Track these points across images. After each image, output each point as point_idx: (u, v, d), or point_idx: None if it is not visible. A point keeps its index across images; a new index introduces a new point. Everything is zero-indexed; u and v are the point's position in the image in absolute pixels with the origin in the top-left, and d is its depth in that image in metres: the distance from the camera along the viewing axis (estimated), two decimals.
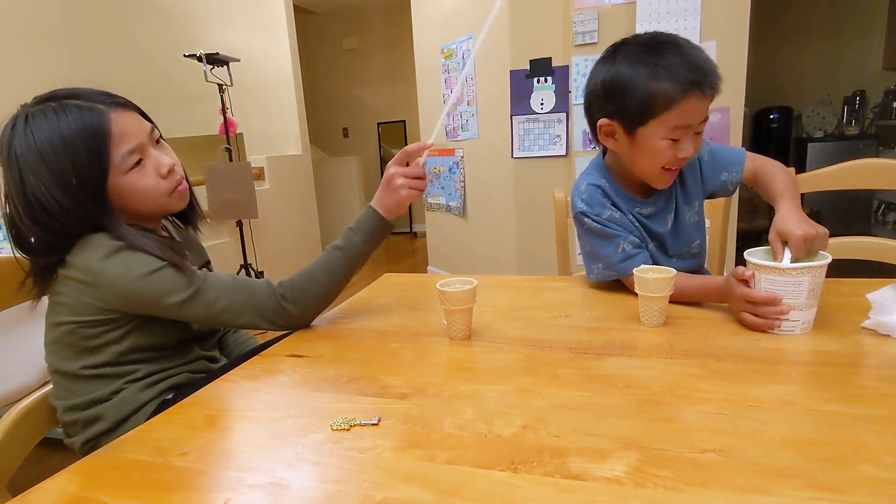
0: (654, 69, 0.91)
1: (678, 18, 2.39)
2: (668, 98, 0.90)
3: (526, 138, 2.88)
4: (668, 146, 0.94)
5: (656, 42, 0.94)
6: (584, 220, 1.06)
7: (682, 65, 0.89)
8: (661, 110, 0.92)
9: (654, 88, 0.91)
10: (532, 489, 0.48)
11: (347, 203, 5.40)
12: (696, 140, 0.97)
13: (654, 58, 0.92)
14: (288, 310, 0.90)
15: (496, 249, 3.19)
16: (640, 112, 0.93)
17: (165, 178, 0.87)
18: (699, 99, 0.90)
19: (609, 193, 1.06)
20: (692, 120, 0.93)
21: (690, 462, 0.50)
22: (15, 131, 0.79)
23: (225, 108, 3.04)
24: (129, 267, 0.81)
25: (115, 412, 0.86)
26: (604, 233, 1.03)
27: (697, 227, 1.14)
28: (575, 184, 1.11)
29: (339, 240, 0.95)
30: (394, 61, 6.10)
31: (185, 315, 0.85)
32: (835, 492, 0.45)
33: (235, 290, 0.88)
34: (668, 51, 0.91)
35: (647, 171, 1.01)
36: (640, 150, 0.98)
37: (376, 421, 0.61)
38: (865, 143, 4.16)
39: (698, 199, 1.13)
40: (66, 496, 0.52)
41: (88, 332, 0.84)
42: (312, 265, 0.94)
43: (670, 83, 0.89)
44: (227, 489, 0.51)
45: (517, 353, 0.79)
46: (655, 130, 0.94)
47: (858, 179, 1.31)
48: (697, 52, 0.92)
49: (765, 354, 0.73)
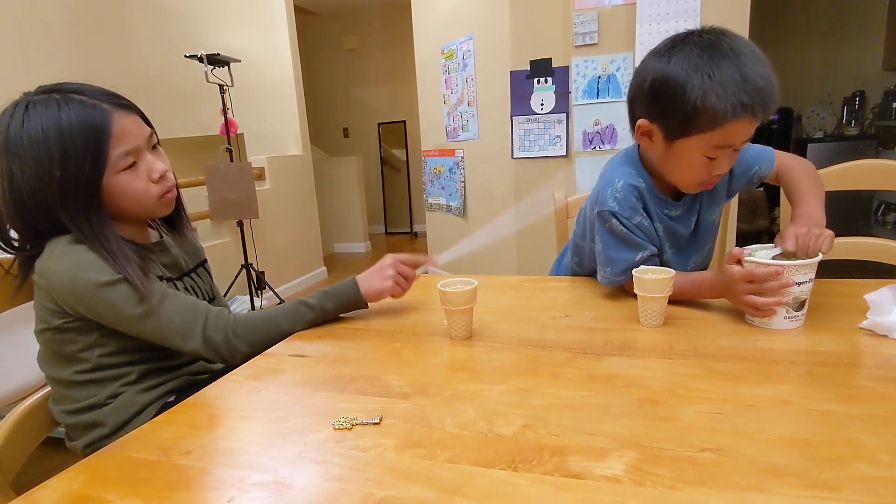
0: (709, 82, 0.83)
1: (678, 19, 2.39)
2: (715, 117, 0.83)
3: (526, 139, 2.89)
4: (705, 163, 0.90)
5: (717, 49, 0.84)
6: (610, 220, 1.00)
7: (738, 84, 0.82)
8: (706, 128, 0.85)
9: (703, 104, 0.83)
10: (532, 488, 0.48)
11: (348, 203, 5.40)
12: (734, 157, 0.92)
13: (710, 67, 0.83)
14: (235, 345, 0.87)
15: (496, 250, 3.19)
16: (684, 124, 0.87)
17: (156, 182, 0.87)
18: (749, 123, 0.84)
19: (644, 195, 1.00)
20: (736, 141, 0.88)
21: (689, 461, 0.50)
22: (13, 117, 0.79)
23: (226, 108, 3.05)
24: (80, 272, 0.79)
25: (114, 416, 0.86)
26: (628, 238, 0.99)
27: (714, 227, 1.12)
28: (607, 177, 1.03)
29: (311, 298, 0.95)
30: (394, 61, 6.11)
31: (136, 332, 0.84)
32: (832, 490, 0.45)
33: (191, 319, 0.85)
34: (727, 62, 0.83)
35: (679, 181, 0.97)
36: (676, 160, 0.93)
37: (378, 420, 0.62)
38: (865, 144, 4.16)
39: (722, 199, 1.09)
40: (71, 494, 0.53)
41: (64, 337, 0.84)
42: (274, 311, 0.93)
43: (722, 102, 0.82)
44: (231, 487, 0.52)
45: (517, 352, 0.80)
46: (696, 145, 0.89)
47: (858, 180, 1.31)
48: (759, 66, 0.83)
49: (763, 354, 0.73)
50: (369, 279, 0.97)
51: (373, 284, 0.97)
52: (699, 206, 1.06)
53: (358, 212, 5.42)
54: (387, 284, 0.96)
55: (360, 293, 0.96)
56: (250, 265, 3.21)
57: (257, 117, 4.11)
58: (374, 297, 0.98)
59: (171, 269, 0.96)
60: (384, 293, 0.97)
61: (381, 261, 0.98)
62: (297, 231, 4.19)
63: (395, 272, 0.97)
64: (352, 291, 0.97)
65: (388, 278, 0.96)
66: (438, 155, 3.61)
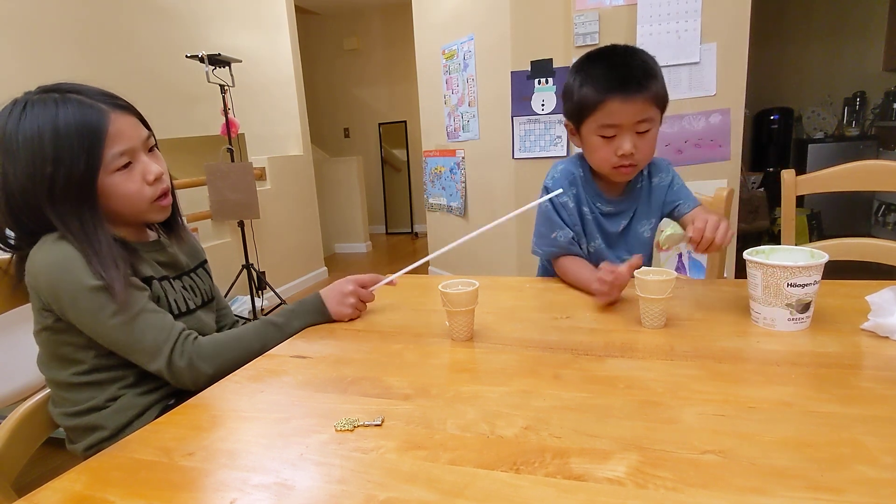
0: (584, 77, 1.07)
1: (678, 20, 2.39)
2: (592, 101, 1.05)
3: (527, 139, 2.89)
4: (604, 143, 1.08)
5: (594, 54, 1.10)
6: (543, 196, 1.15)
7: (603, 73, 1.05)
8: (589, 112, 1.07)
9: (581, 93, 1.07)
10: (534, 490, 0.48)
11: (348, 203, 5.40)
12: (640, 140, 1.06)
13: (586, 67, 1.08)
14: (199, 369, 0.85)
15: (497, 250, 3.19)
16: (577, 113, 1.10)
17: (151, 184, 0.87)
18: (622, 100, 1.03)
19: (578, 183, 1.18)
20: (621, 119, 1.05)
21: (691, 463, 0.50)
22: (11, 115, 0.79)
23: (226, 108, 3.05)
24: (62, 270, 0.79)
25: (114, 420, 0.85)
26: (551, 217, 1.16)
27: (644, 244, 1.23)
28: (556, 163, 1.24)
29: (278, 317, 0.96)
30: (394, 62, 6.11)
31: (106, 341, 0.83)
32: (833, 492, 0.45)
33: (163, 339, 0.83)
34: (598, 61, 1.08)
35: (598, 165, 1.13)
36: (585, 147, 1.13)
37: (379, 422, 0.62)
38: (866, 144, 4.16)
39: (655, 218, 1.23)
40: (73, 496, 0.53)
41: (60, 338, 0.84)
42: (242, 332, 0.92)
43: (590, 88, 1.05)
44: (233, 489, 0.52)
45: (519, 354, 0.80)
46: (589, 129, 1.09)
47: (858, 181, 1.31)
48: (629, 59, 1.06)
49: (764, 356, 0.73)
50: (331, 300, 0.99)
51: (335, 307, 0.98)
52: (633, 212, 1.21)
53: (358, 212, 5.42)
54: (346, 311, 0.98)
55: (327, 312, 0.98)
56: (251, 265, 3.21)
57: (258, 117, 4.11)
58: (337, 318, 0.99)
59: (168, 269, 0.96)
60: (343, 319, 0.99)
61: (342, 284, 1.00)
62: (297, 231, 4.19)
63: (356, 299, 0.99)
64: (319, 311, 0.98)
65: (348, 306, 0.98)
66: (439, 155, 3.61)
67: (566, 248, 1.15)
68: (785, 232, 1.38)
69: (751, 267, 0.83)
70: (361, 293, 1.00)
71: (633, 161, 1.07)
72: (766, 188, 3.91)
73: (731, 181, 2.50)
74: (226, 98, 3.03)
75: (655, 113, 1.06)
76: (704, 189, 1.37)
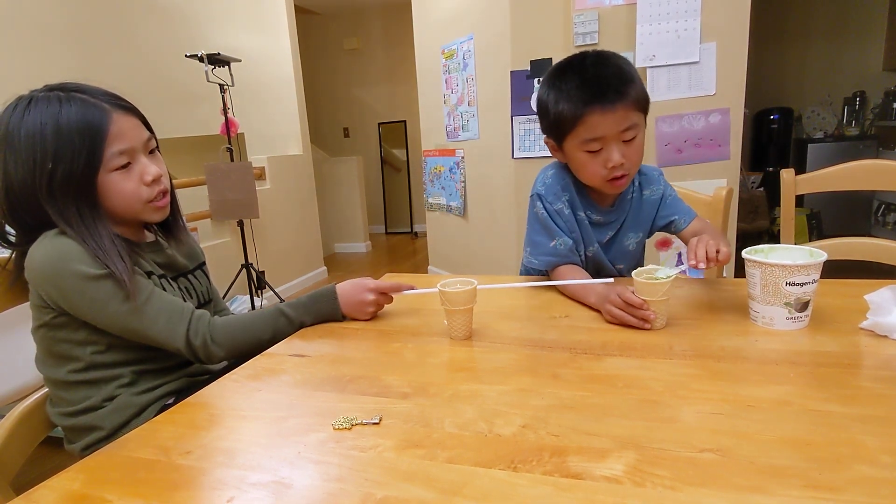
0: (557, 93, 1.01)
1: (678, 19, 2.39)
2: (570, 117, 0.99)
3: (526, 139, 2.89)
4: (591, 158, 1.02)
5: (564, 66, 1.03)
6: (536, 204, 1.11)
7: (577, 86, 0.99)
8: (569, 128, 1.01)
9: (557, 110, 1.01)
10: (532, 488, 0.48)
11: (348, 203, 5.40)
12: (627, 148, 1.01)
13: (558, 81, 1.02)
14: (212, 351, 0.88)
15: (497, 250, 3.19)
16: (557, 130, 1.04)
17: (148, 185, 0.87)
18: (602, 112, 0.97)
19: (570, 188, 1.12)
20: (604, 132, 0.99)
21: (689, 462, 0.50)
22: (15, 111, 0.80)
23: (226, 108, 3.04)
24: (63, 262, 0.79)
25: (111, 419, 0.85)
26: (548, 224, 1.10)
27: (629, 256, 1.20)
28: (546, 166, 1.17)
29: (290, 309, 0.95)
30: (394, 61, 6.10)
31: (119, 330, 0.83)
32: (832, 491, 0.45)
33: (176, 319, 0.86)
34: (569, 73, 1.01)
35: (589, 181, 1.08)
36: (572, 163, 1.07)
37: (377, 420, 0.62)
38: (865, 144, 4.16)
39: (643, 231, 1.19)
40: (71, 494, 0.53)
41: (57, 335, 0.84)
42: (254, 319, 0.93)
43: (567, 104, 0.99)
44: (231, 487, 0.52)
45: (517, 353, 0.80)
46: (573, 145, 1.03)
47: (858, 180, 1.32)
48: (601, 69, 0.99)
49: (763, 355, 0.73)
50: (349, 303, 0.97)
51: (353, 307, 0.97)
52: (620, 224, 1.16)
53: (358, 212, 5.42)
54: (367, 310, 0.97)
55: (341, 312, 0.97)
56: (250, 265, 3.20)
57: (258, 117, 4.11)
58: (352, 316, 0.98)
59: (165, 269, 0.96)
60: (359, 317, 0.98)
61: (363, 292, 0.96)
62: (297, 231, 4.19)
63: (375, 309, 0.98)
64: (333, 309, 0.97)
65: (367, 314, 0.97)
66: (439, 155, 3.61)
67: (567, 256, 1.09)
68: (784, 231, 1.38)
69: (749, 266, 0.83)
70: (382, 301, 0.99)
71: (624, 171, 1.02)
72: (766, 188, 3.91)
73: (730, 181, 2.50)
74: (225, 97, 3.03)
75: (639, 117, 1.01)
76: (704, 189, 1.36)
